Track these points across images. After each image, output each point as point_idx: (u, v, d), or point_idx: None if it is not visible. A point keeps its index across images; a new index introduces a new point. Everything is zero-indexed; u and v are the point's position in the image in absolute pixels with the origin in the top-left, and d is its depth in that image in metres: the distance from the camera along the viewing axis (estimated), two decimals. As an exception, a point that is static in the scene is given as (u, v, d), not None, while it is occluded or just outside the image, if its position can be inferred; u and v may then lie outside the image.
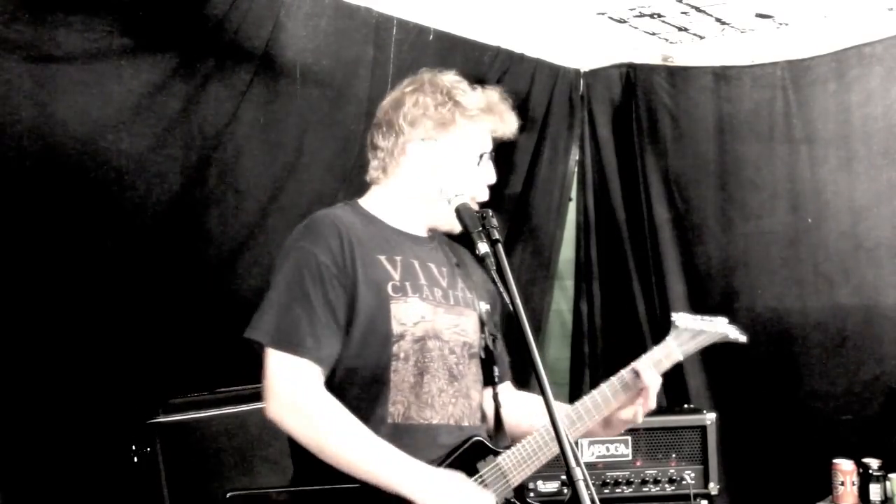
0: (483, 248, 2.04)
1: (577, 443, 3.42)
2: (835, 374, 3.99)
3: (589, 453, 3.57)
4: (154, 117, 2.79)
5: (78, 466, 2.58)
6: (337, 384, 2.12)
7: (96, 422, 2.61)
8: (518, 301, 1.98)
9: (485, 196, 2.38)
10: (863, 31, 3.92)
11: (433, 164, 2.29)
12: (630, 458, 3.58)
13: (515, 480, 2.24)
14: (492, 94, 2.36)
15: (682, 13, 3.97)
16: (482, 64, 3.92)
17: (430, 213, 2.33)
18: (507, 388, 2.51)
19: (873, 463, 3.66)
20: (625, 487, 3.54)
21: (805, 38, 4.09)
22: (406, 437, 2.14)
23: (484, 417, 2.38)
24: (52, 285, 2.57)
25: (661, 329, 4.31)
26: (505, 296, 2.00)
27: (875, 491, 3.64)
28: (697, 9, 3.92)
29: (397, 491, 2.02)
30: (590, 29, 4.10)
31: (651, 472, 3.55)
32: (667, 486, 3.55)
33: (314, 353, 2.06)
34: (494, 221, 2.10)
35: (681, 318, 2.52)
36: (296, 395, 2.05)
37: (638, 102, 4.38)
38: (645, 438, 3.59)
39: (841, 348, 3.98)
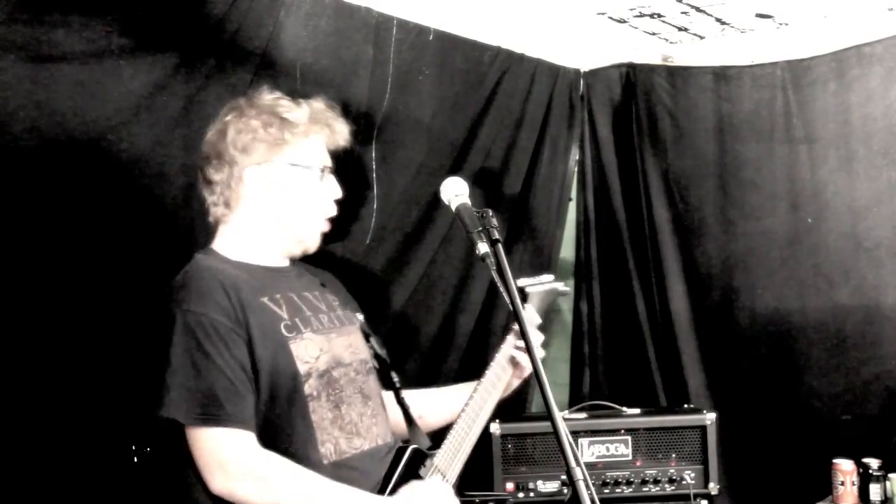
0: (483, 248, 2.04)
1: (577, 443, 3.44)
2: (835, 374, 3.99)
3: (589, 453, 3.57)
4: (154, 117, 2.78)
5: (78, 466, 2.58)
6: (265, 437, 2.06)
7: (96, 422, 2.61)
8: (518, 301, 1.99)
9: (333, 212, 2.36)
10: (863, 31, 3.91)
11: (274, 186, 2.24)
12: (630, 458, 3.58)
13: (453, 476, 2.26)
14: (317, 106, 2.32)
15: (682, 13, 3.97)
16: (482, 64, 3.91)
17: (284, 239, 2.30)
18: (409, 392, 2.52)
19: (873, 463, 3.66)
20: (625, 487, 3.55)
21: (805, 38, 4.08)
22: (345, 472, 2.12)
23: (393, 429, 2.38)
24: (51, 285, 2.57)
25: (661, 329, 4.33)
26: (505, 296, 2.00)
27: (875, 491, 3.64)
28: (697, 9, 3.91)
29: None
30: (590, 29, 4.10)
31: (651, 472, 3.55)
32: (667, 486, 3.55)
33: (238, 418, 2.00)
34: (494, 221, 2.10)
35: (527, 283, 2.73)
36: (239, 463, 1.99)
37: (638, 102, 4.38)
38: (645, 438, 3.59)
39: (841, 348, 3.98)
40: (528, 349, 1.95)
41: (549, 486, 3.55)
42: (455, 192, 2.25)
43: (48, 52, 2.54)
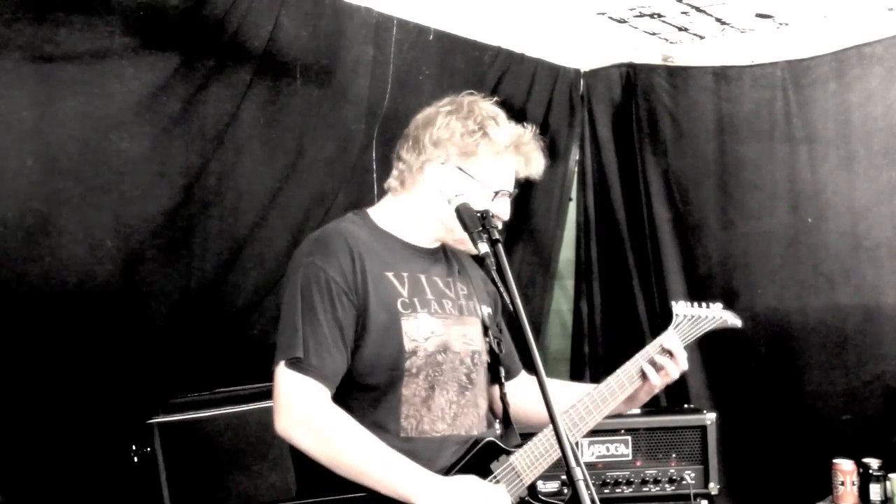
0: (483, 248, 2.05)
1: (577, 443, 3.43)
2: (835, 374, 3.99)
3: (589, 453, 3.57)
4: (155, 117, 2.79)
5: (78, 466, 2.58)
6: (352, 399, 2.14)
7: (96, 422, 2.61)
8: (518, 301, 1.99)
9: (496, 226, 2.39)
10: (863, 31, 3.92)
11: (448, 188, 2.25)
12: (630, 458, 3.58)
13: (528, 479, 2.26)
14: (524, 133, 2.34)
15: (682, 13, 3.97)
16: (482, 64, 3.92)
17: (440, 232, 2.33)
18: (518, 382, 2.54)
19: (873, 463, 3.66)
20: (625, 487, 3.54)
21: (805, 38, 4.09)
22: (420, 449, 2.16)
23: (490, 423, 2.40)
24: (51, 285, 2.57)
25: (661, 329, 4.31)
26: (505, 296, 2.01)
27: (875, 491, 3.64)
28: (697, 9, 3.92)
29: (408, 499, 2.04)
30: (590, 29, 4.10)
31: (651, 472, 3.55)
32: (667, 486, 3.55)
33: (318, 371, 2.08)
34: (494, 221, 2.10)
35: (680, 307, 2.63)
36: (303, 409, 2.07)
37: (638, 102, 4.38)
38: (645, 438, 3.59)
39: (841, 348, 3.98)
40: (529, 349, 1.95)
41: (549, 486, 3.54)
42: (455, 191, 2.25)
43: (50, 52, 2.54)
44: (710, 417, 3.59)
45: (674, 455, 3.58)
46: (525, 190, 4.21)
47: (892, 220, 3.87)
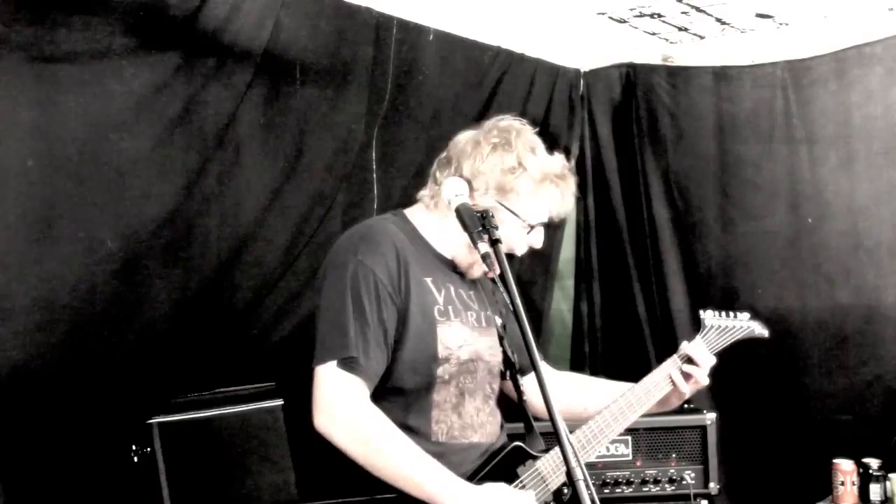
0: (483, 247, 2.05)
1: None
2: (835, 374, 3.99)
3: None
4: (154, 117, 2.79)
5: (78, 466, 2.58)
6: (384, 401, 2.15)
7: (96, 422, 2.61)
8: (518, 301, 1.99)
9: (522, 252, 2.42)
10: (863, 31, 3.92)
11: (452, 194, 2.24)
12: (630, 458, 3.58)
13: (554, 483, 2.28)
14: (562, 168, 2.35)
15: (682, 13, 3.97)
16: (482, 64, 3.91)
17: (463, 255, 2.34)
18: (530, 379, 2.52)
19: (873, 463, 3.66)
20: (625, 487, 3.55)
21: (805, 38, 4.09)
22: (450, 454, 2.19)
23: (503, 427, 2.43)
24: (51, 284, 2.57)
25: (661, 329, 4.33)
26: (505, 296, 2.02)
27: (875, 491, 3.64)
28: (697, 9, 3.92)
29: (438, 503, 2.06)
30: (590, 29, 4.10)
31: (651, 472, 3.55)
32: (667, 486, 3.55)
33: (364, 370, 2.09)
34: (494, 221, 2.11)
35: (708, 316, 2.63)
36: (346, 408, 2.08)
37: (638, 102, 4.38)
38: (645, 438, 3.59)
39: (841, 348, 3.98)
40: (529, 349, 1.95)
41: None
42: (455, 192, 2.25)
43: (50, 53, 2.54)
44: (710, 417, 3.60)
45: (674, 455, 3.59)
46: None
47: (892, 220, 3.87)
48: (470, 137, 2.34)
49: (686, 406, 3.92)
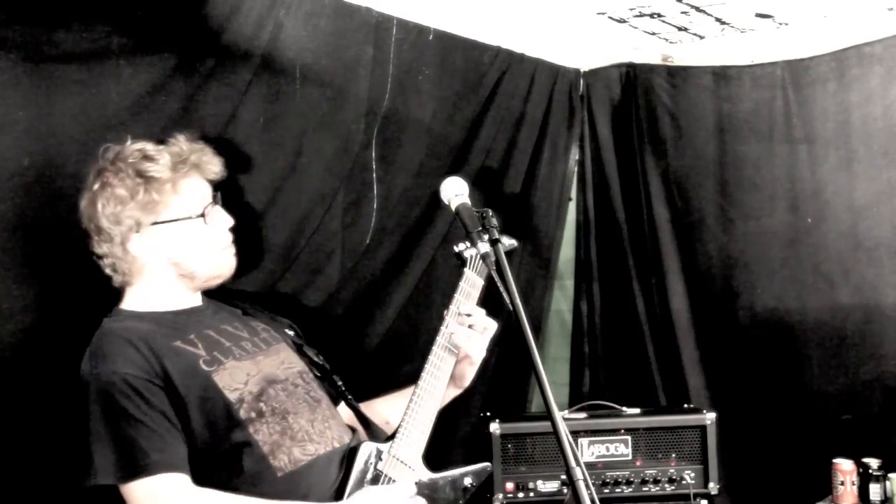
0: (483, 247, 2.05)
1: (577, 443, 3.44)
2: (835, 374, 3.99)
3: (589, 453, 3.57)
4: (154, 117, 2.78)
5: (78, 466, 2.58)
6: (215, 473, 2.09)
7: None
8: (518, 301, 1.99)
9: (228, 241, 2.35)
10: (863, 31, 3.91)
11: (163, 246, 2.24)
12: (630, 457, 3.58)
13: (413, 460, 2.25)
14: (180, 149, 2.28)
15: (682, 13, 3.96)
16: (482, 64, 3.91)
17: (193, 283, 2.30)
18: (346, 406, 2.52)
19: (873, 463, 3.66)
20: (625, 487, 3.54)
21: (805, 38, 4.08)
22: (304, 479, 2.13)
23: (353, 430, 2.38)
24: (51, 284, 2.57)
25: (661, 329, 4.33)
26: (505, 296, 2.01)
27: (875, 491, 3.64)
28: (697, 9, 3.91)
29: None
30: (590, 29, 4.10)
31: (651, 472, 3.55)
32: (667, 485, 3.55)
33: (166, 463, 2.02)
34: (494, 221, 2.10)
35: (458, 248, 2.47)
36: None
37: (638, 102, 4.37)
38: (645, 438, 3.59)
39: (841, 348, 3.98)
40: (529, 349, 1.95)
41: (549, 486, 3.55)
42: (455, 191, 2.25)
43: (48, 53, 2.54)
44: (710, 417, 3.60)
45: (674, 455, 3.58)
46: (525, 189, 4.23)
47: (892, 220, 3.87)
48: (87, 198, 2.27)
49: (686, 406, 3.93)
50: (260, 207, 3.14)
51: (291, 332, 2.44)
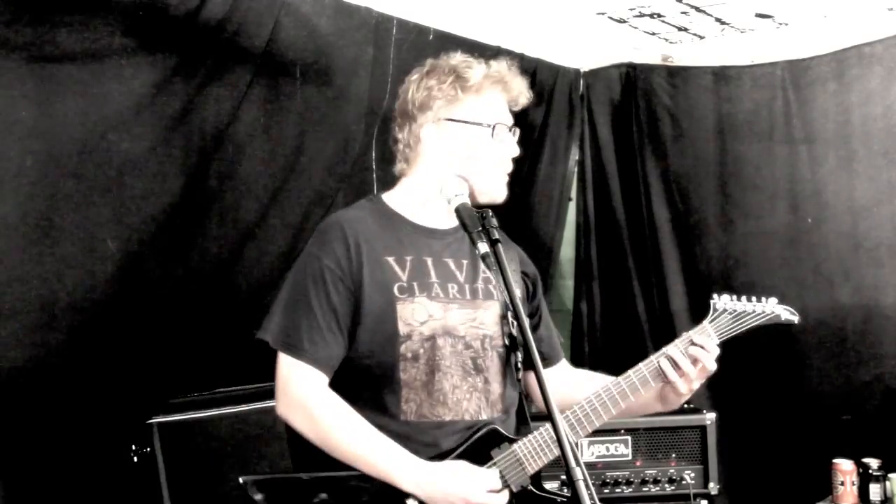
0: (483, 247, 2.05)
1: (577, 443, 3.43)
2: (835, 374, 3.99)
3: (589, 453, 3.57)
4: (154, 117, 2.79)
5: (78, 466, 2.58)
6: (350, 383, 2.18)
7: (96, 422, 2.61)
8: (518, 301, 1.99)
9: (509, 167, 2.39)
10: (863, 31, 3.92)
11: (448, 143, 2.30)
12: (630, 458, 3.58)
13: (532, 468, 2.25)
14: (497, 65, 2.38)
15: (682, 13, 3.97)
16: (482, 64, 3.91)
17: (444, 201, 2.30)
18: (558, 370, 2.55)
19: (873, 463, 3.66)
20: (625, 487, 3.55)
21: (805, 38, 4.09)
22: (420, 433, 2.18)
23: (507, 410, 2.36)
24: (51, 284, 2.57)
25: (661, 329, 4.33)
26: (505, 295, 2.01)
27: (875, 491, 3.64)
28: (697, 9, 3.92)
29: (391, 481, 2.09)
30: (590, 29, 4.10)
31: (651, 472, 3.55)
32: (667, 486, 3.55)
33: (311, 355, 2.14)
34: (494, 221, 2.11)
35: (720, 300, 2.49)
36: (298, 393, 2.13)
37: (638, 102, 4.38)
38: (645, 438, 3.59)
39: (841, 348, 3.98)
40: (529, 349, 1.95)
41: (548, 487, 3.54)
42: (455, 191, 2.25)
43: (50, 53, 2.54)
44: (709, 417, 3.60)
45: (674, 455, 3.59)
46: (525, 189, 4.24)
47: (892, 220, 3.87)
48: (404, 87, 2.38)
49: (686, 406, 3.93)
50: (260, 207, 3.14)
51: (518, 292, 2.30)
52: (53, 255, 2.57)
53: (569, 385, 2.50)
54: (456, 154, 2.30)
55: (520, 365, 2.38)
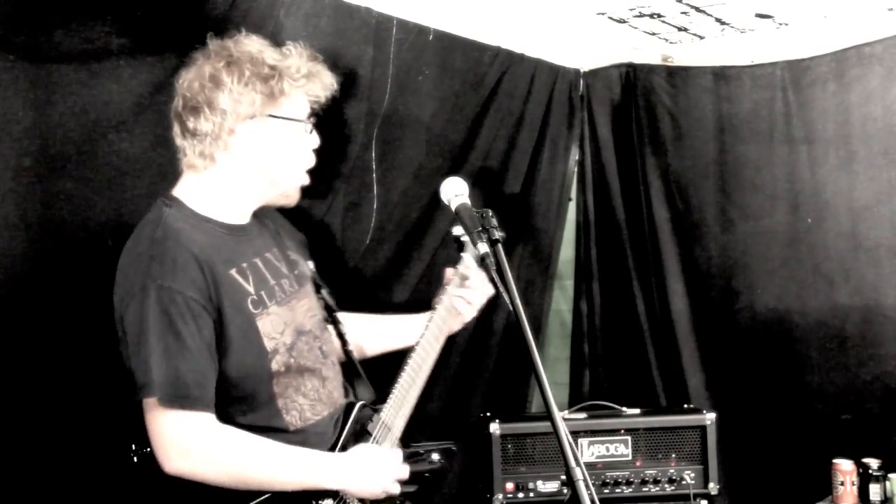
0: (483, 248, 2.05)
1: (577, 443, 3.44)
2: (835, 374, 3.99)
3: (589, 453, 3.57)
4: (154, 117, 2.78)
5: (77, 466, 2.58)
6: (231, 410, 2.11)
7: (96, 422, 2.61)
8: (518, 301, 1.99)
9: (312, 162, 2.33)
10: (863, 31, 3.91)
11: (265, 142, 2.18)
12: (630, 458, 3.58)
13: (398, 428, 2.33)
14: (306, 54, 2.24)
15: (682, 13, 3.96)
16: (482, 64, 3.91)
17: (267, 193, 2.26)
18: (351, 320, 2.58)
19: (873, 463, 3.66)
20: (624, 487, 3.55)
21: (805, 38, 4.08)
22: (312, 437, 2.19)
23: (344, 384, 2.42)
24: (51, 284, 2.57)
25: (661, 329, 4.33)
26: (505, 296, 2.01)
27: (875, 491, 3.64)
28: (697, 9, 3.91)
29: (319, 486, 2.10)
30: (590, 29, 4.10)
31: (651, 472, 3.56)
32: (667, 486, 3.55)
33: (202, 401, 2.03)
34: (494, 221, 2.11)
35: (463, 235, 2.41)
36: (201, 446, 2.02)
37: (638, 102, 4.38)
38: (645, 438, 3.60)
39: (841, 348, 3.98)
40: (529, 349, 1.95)
41: (549, 486, 3.55)
42: (455, 192, 2.25)
43: (48, 53, 2.54)
44: (709, 417, 3.60)
45: (673, 455, 3.59)
46: (525, 189, 4.23)
47: (892, 220, 3.87)
48: (202, 72, 2.17)
49: (686, 406, 3.93)
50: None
51: (312, 265, 2.40)
52: (53, 255, 2.57)
53: (359, 326, 2.59)
54: (272, 151, 2.20)
55: (343, 329, 2.44)
